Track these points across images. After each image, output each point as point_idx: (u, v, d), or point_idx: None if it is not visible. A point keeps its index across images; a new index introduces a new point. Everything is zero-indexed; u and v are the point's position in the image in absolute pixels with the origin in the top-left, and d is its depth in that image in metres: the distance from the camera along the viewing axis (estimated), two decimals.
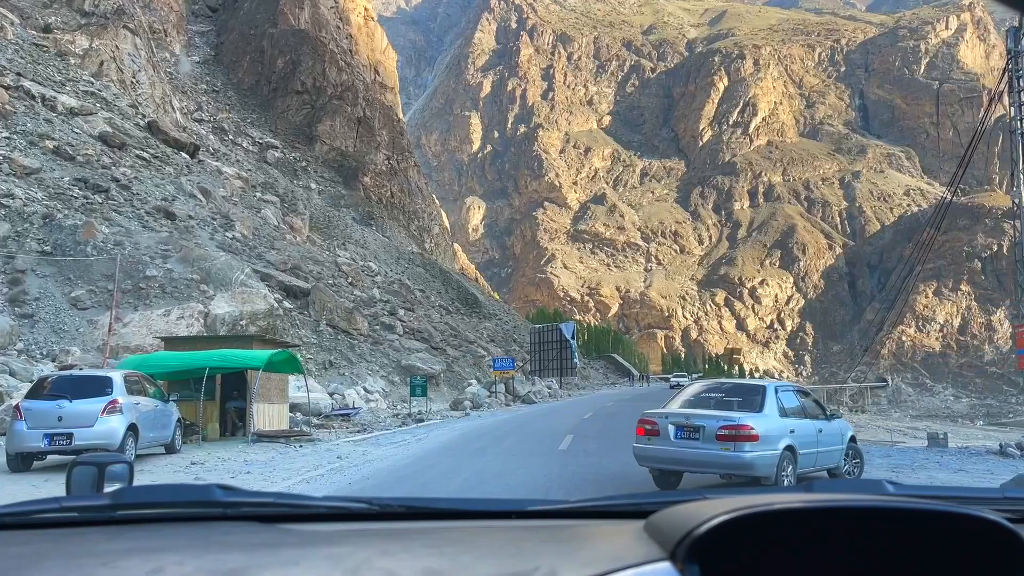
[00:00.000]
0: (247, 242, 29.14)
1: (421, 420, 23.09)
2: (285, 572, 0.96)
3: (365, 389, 26.79)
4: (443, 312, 39.45)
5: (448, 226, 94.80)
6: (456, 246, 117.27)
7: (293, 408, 20.93)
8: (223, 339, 19.74)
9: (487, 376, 38.06)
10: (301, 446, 15.77)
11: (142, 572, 0.95)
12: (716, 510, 0.95)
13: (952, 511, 0.98)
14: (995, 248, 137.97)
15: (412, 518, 1.47)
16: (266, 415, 17.90)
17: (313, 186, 45.77)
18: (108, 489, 1.73)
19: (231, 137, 46.82)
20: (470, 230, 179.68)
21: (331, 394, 25.12)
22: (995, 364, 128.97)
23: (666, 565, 0.90)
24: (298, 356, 20.13)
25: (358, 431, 19.69)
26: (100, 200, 27.26)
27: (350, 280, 34.63)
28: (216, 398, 17.82)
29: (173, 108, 37.36)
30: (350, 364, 27.56)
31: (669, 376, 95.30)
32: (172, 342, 19.96)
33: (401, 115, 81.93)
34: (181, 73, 50.49)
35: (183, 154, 31.88)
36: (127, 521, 1.36)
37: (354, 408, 23.94)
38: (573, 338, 53.80)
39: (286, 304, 27.62)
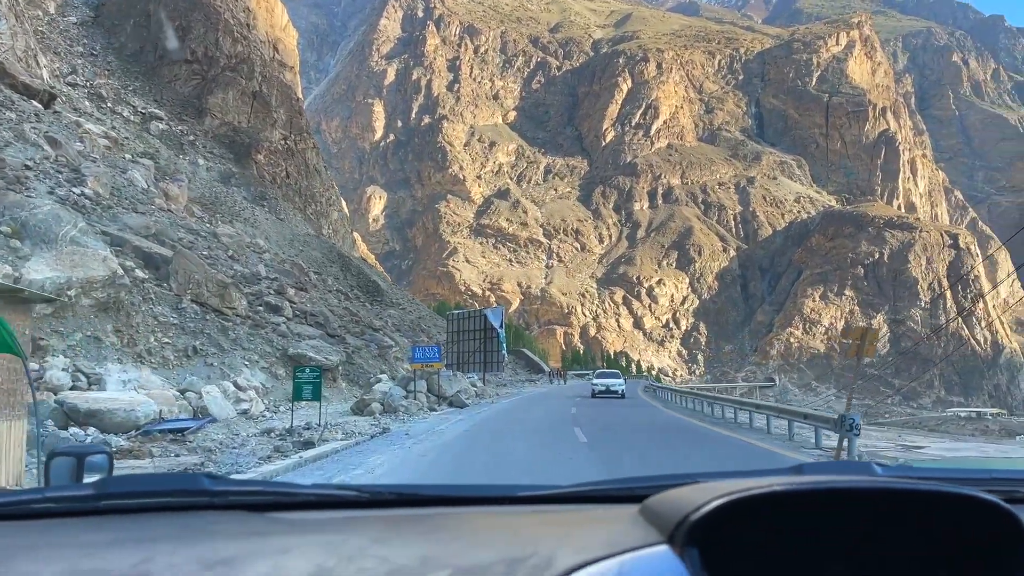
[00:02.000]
0: (100, 201, 24.51)
1: (309, 444, 13.83)
2: (278, 560, 0.95)
3: (236, 385, 20.64)
4: (342, 297, 35.14)
5: (347, 213, 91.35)
6: (356, 235, 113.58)
7: (90, 418, 14.35)
8: None
9: (396, 370, 32.90)
10: None
11: (130, 562, 0.94)
12: (714, 493, 0.95)
13: (948, 491, 0.99)
14: (877, 256, 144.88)
15: (402, 505, 1.46)
16: None
17: (201, 162, 42.21)
18: (88, 480, 1.70)
19: (110, 105, 42.63)
20: (370, 220, 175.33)
21: (182, 391, 18.49)
22: (874, 366, 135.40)
23: (665, 549, 0.91)
24: (8, 328, 7.29)
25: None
26: None
27: (231, 253, 29.23)
28: None
29: (39, 65, 33.35)
30: (221, 352, 22.28)
31: (589, 373, 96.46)
32: None
33: (300, 95, 78.03)
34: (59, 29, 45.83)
35: (34, 102, 27.91)
36: (112, 511, 1.34)
37: (197, 419, 16.51)
38: (501, 327, 46.53)
39: (139, 274, 21.53)
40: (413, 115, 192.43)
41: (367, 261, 70.95)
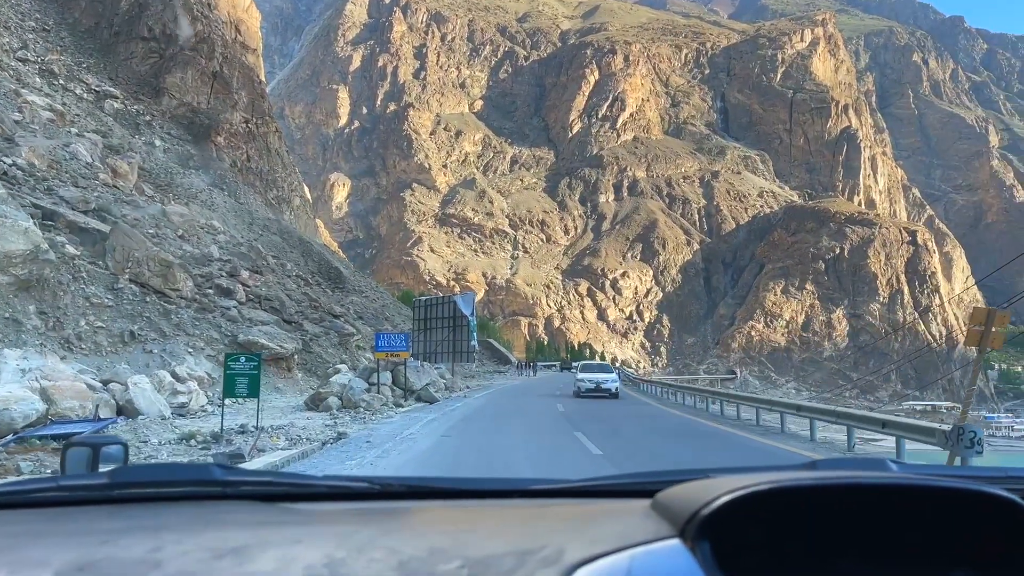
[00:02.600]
0: (34, 172, 22.69)
1: (239, 457, 10.55)
2: (288, 550, 0.95)
3: (175, 375, 17.89)
4: (301, 283, 33.09)
5: (310, 199, 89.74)
6: (319, 222, 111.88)
7: None
8: None
9: (358, 359, 30.61)
10: None
11: (142, 550, 0.95)
12: (725, 487, 0.95)
13: (965, 488, 0.97)
14: (837, 251, 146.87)
15: (413, 497, 1.46)
16: None
17: (158, 143, 40.76)
18: (103, 470, 1.74)
19: (62, 82, 40.98)
20: (333, 207, 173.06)
21: (105, 383, 15.83)
22: (833, 360, 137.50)
23: (676, 543, 0.90)
24: None
25: None
26: None
27: (181, 233, 27.08)
28: None
29: None
30: (162, 338, 20.89)
31: (555, 364, 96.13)
32: None
33: (263, 79, 76.28)
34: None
35: None
36: (126, 500, 1.36)
37: (98, 420, 13.26)
38: (472, 314, 43.19)
39: (70, 249, 19.50)
40: (379, 102, 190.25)
41: (329, 248, 69.66)
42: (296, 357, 26.68)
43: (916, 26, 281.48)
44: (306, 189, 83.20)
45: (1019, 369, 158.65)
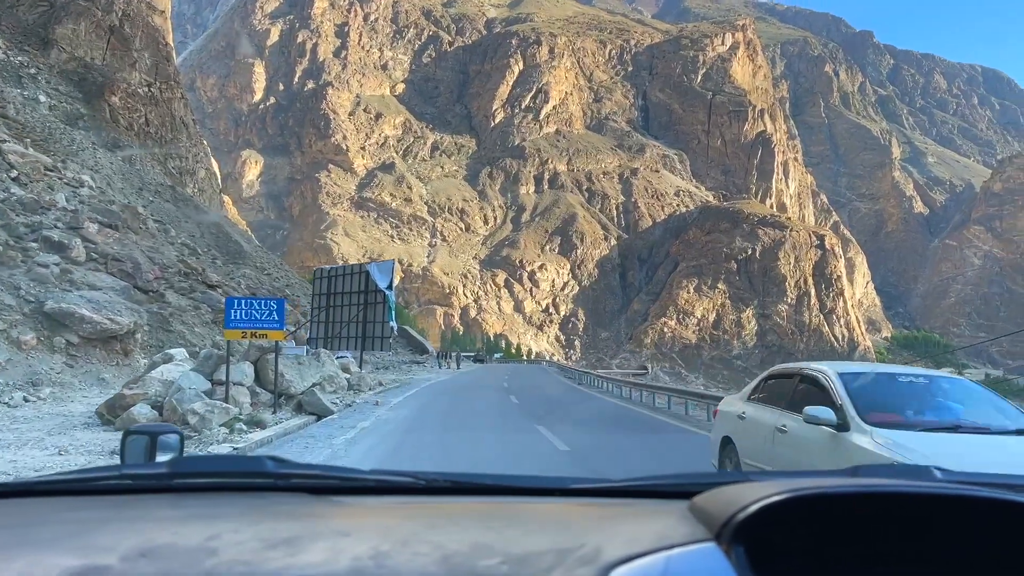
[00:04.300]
0: None
1: None
2: (336, 542, 0.98)
3: None
4: (186, 252, 29.16)
5: (219, 174, 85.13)
6: (227, 198, 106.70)
7: None
8: None
9: (240, 342, 21.76)
10: None
11: (200, 538, 0.99)
12: (763, 492, 0.95)
13: (1012, 500, 0.96)
14: (749, 252, 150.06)
15: (457, 493, 1.48)
16: None
17: (43, 98, 36.80)
18: (160, 458, 1.81)
19: None
20: (244, 185, 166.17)
21: None
22: (741, 358, 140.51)
23: (712, 546, 0.91)
24: None
25: None
26: None
27: (16, 174, 22.63)
28: None
29: None
30: None
31: (471, 354, 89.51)
32: None
33: (171, 42, 71.50)
34: None
35: None
36: (183, 489, 1.40)
37: None
38: (390, 288, 34.47)
39: None
40: (296, 79, 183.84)
41: (235, 224, 65.72)
42: (140, 336, 20.81)
43: (829, 38, 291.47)
44: (214, 163, 78.72)
45: None
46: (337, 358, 26.64)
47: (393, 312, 34.40)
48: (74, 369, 16.74)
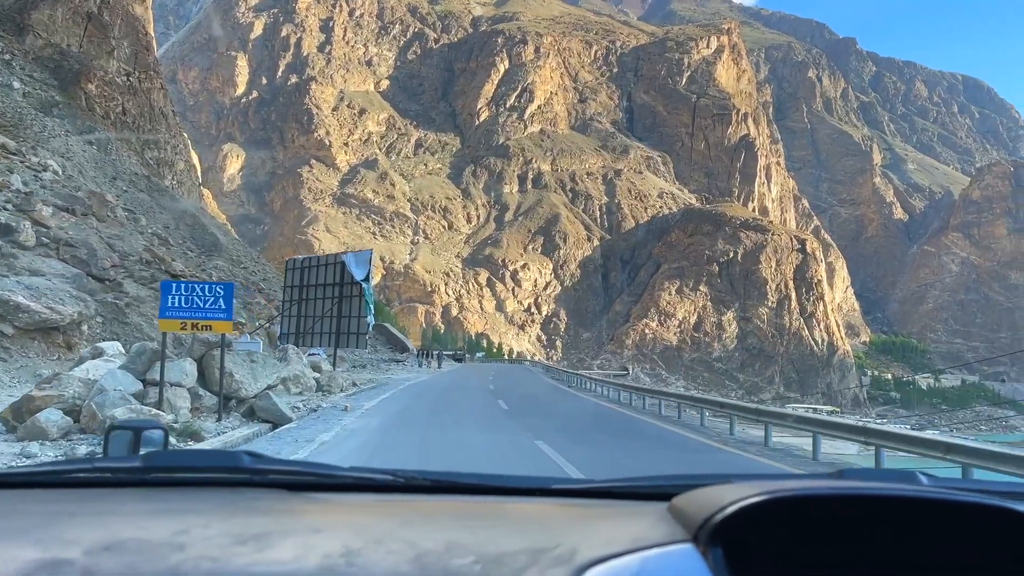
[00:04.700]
0: None
1: None
2: (308, 539, 0.97)
3: None
4: (156, 242, 28.05)
5: (199, 167, 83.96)
6: (207, 191, 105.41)
7: None
8: None
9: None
10: None
11: (168, 533, 0.97)
12: (742, 493, 0.95)
13: (998, 506, 0.95)
14: (731, 254, 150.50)
15: (437, 491, 1.47)
16: None
17: (17, 84, 35.89)
18: (144, 453, 1.80)
19: None
20: (225, 179, 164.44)
21: None
22: (721, 360, 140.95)
23: (689, 547, 0.90)
24: None
25: None
26: None
27: None
28: None
29: None
30: None
31: (450, 352, 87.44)
32: None
33: (152, 31, 70.38)
34: None
35: None
36: (157, 484, 1.39)
37: None
38: (367, 280, 32.05)
39: None
40: (280, 73, 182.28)
41: (215, 218, 64.78)
42: (87, 327, 18.89)
43: (813, 44, 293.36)
44: (194, 155, 77.63)
45: (889, 376, 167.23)
46: (308, 355, 24.67)
47: (371, 306, 32.05)
48: (7, 364, 15.28)
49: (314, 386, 20.85)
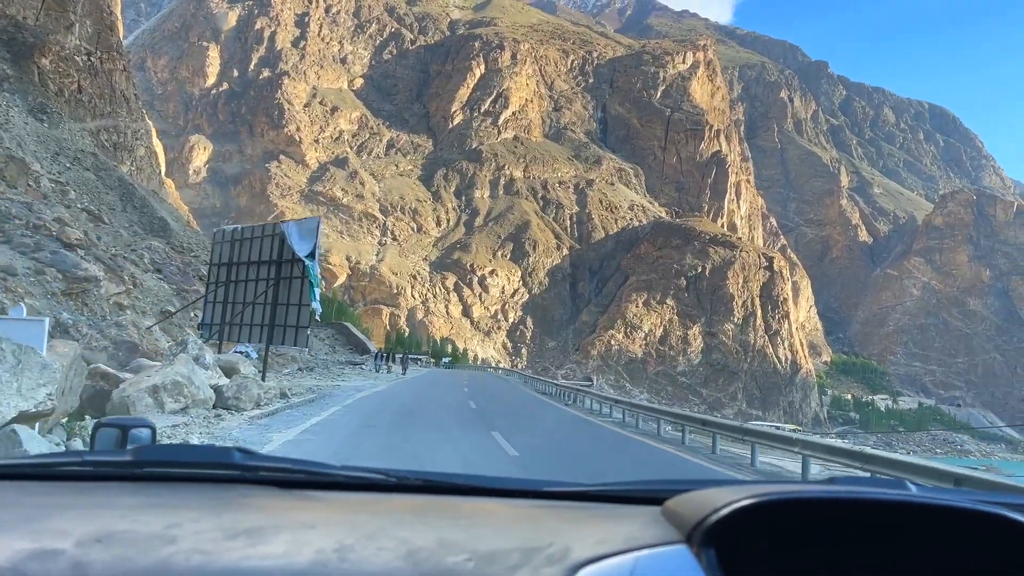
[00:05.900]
0: None
1: None
2: (300, 535, 0.97)
3: None
4: (85, 217, 24.42)
5: (162, 155, 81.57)
6: (170, 181, 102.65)
7: None
8: None
9: (103, 327, 17.89)
10: None
11: (159, 526, 0.98)
12: (735, 496, 0.95)
13: (990, 512, 0.96)
14: (699, 269, 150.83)
15: (429, 491, 1.48)
16: None
17: None
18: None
19: None
20: (191, 171, 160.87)
21: None
22: (685, 375, 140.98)
23: (682, 548, 0.91)
24: None
25: None
26: None
27: None
28: None
29: None
30: None
31: (421, 358, 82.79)
32: None
33: (118, 12, 68.09)
34: None
35: None
36: (148, 478, 1.39)
37: None
38: (313, 256, 24.25)
39: None
40: (252, 66, 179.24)
41: (171, 207, 62.48)
42: None
43: (786, 65, 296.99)
44: (157, 142, 75.21)
45: (848, 396, 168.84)
46: (233, 352, 19.92)
47: (316, 291, 24.14)
48: None
49: (209, 399, 15.27)
